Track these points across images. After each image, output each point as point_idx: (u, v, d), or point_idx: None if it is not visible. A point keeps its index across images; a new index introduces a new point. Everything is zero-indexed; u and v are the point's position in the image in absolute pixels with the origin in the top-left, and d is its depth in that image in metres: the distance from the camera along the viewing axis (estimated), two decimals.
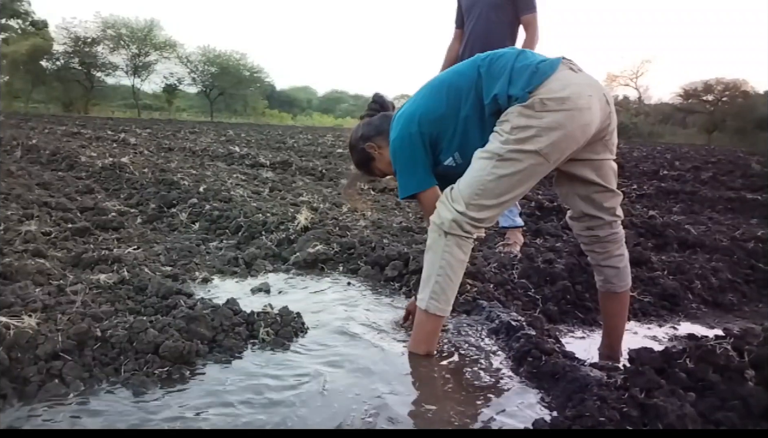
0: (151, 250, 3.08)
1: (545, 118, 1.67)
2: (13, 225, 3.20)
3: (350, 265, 3.00)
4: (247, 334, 1.98)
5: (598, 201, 1.88)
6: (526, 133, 1.68)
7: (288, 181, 6.21)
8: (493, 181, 1.72)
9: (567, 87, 1.69)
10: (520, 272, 2.71)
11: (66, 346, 1.65)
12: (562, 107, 1.67)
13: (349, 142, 2.22)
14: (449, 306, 1.87)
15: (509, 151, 1.70)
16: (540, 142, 1.68)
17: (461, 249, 1.81)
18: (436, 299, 1.83)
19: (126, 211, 4.10)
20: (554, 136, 1.67)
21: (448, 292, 1.83)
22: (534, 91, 1.69)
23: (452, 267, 1.81)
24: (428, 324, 1.89)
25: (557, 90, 1.68)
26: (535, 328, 2.04)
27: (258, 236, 3.47)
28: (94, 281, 2.36)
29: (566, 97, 1.67)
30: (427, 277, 1.85)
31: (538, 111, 1.67)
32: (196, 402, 1.54)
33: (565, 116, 1.67)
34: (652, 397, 1.38)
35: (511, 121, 1.70)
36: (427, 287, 1.84)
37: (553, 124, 1.67)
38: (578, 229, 1.97)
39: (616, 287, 1.98)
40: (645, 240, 3.70)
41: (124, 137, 11.53)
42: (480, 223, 1.78)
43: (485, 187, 1.73)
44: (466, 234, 1.79)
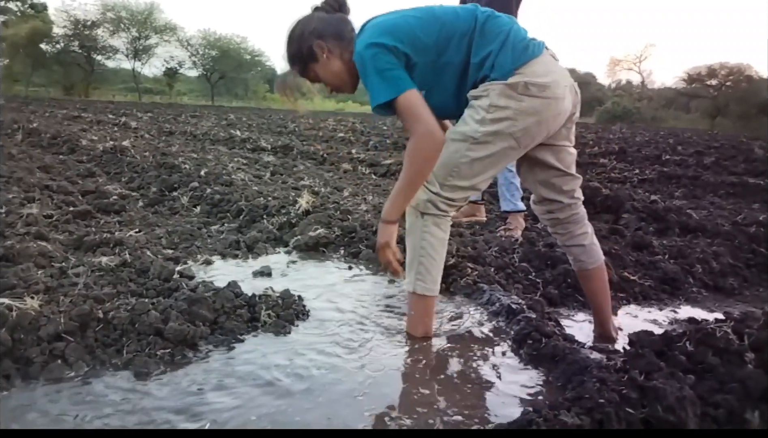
0: (153, 233, 3.09)
1: (524, 102, 1.70)
2: (15, 208, 3.20)
3: (351, 249, 3.00)
4: (249, 317, 1.99)
5: (557, 185, 1.92)
6: (503, 113, 1.70)
7: (289, 166, 6.20)
8: (467, 163, 1.76)
9: (549, 73, 1.73)
10: (521, 256, 2.71)
11: (68, 327, 1.66)
12: (542, 94, 1.71)
13: (292, 31, 1.91)
14: (436, 285, 1.88)
15: (483, 134, 1.73)
16: (514, 126, 1.71)
17: (439, 227, 1.84)
18: (422, 280, 1.85)
19: (127, 195, 4.10)
20: (529, 121, 1.71)
21: (432, 272, 1.86)
22: (520, 67, 1.70)
23: (433, 246, 1.84)
24: (419, 305, 1.91)
25: (541, 74, 1.71)
26: (535, 311, 2.05)
27: (259, 220, 3.47)
28: (95, 264, 2.37)
29: (547, 84, 1.71)
30: (411, 260, 1.88)
31: (519, 93, 1.69)
32: (199, 383, 1.55)
33: (542, 103, 1.71)
34: (652, 379, 1.39)
35: (491, 98, 1.71)
36: (412, 269, 1.87)
37: (530, 110, 1.71)
38: (540, 212, 2.02)
39: (586, 264, 1.99)
40: (646, 224, 3.70)
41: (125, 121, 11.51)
42: (454, 202, 1.83)
43: (459, 170, 1.76)
44: (442, 212, 1.82)
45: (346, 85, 1.94)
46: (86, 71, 41.57)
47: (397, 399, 1.54)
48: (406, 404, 1.51)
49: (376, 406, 1.48)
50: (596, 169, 7.07)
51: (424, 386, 1.61)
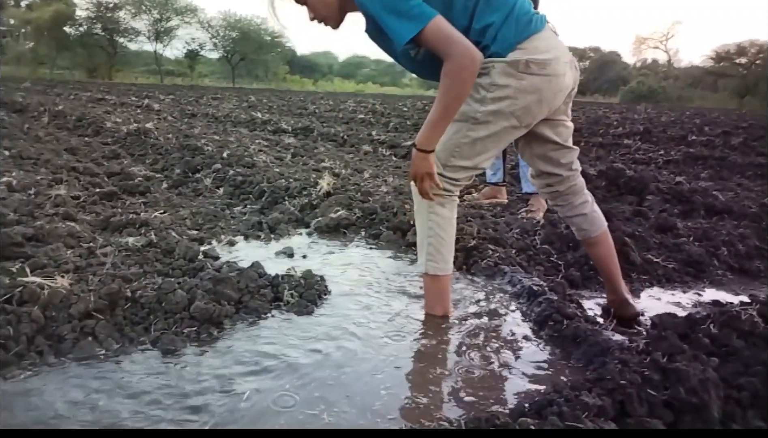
0: (177, 214, 3.13)
1: (525, 80, 1.69)
2: (44, 189, 3.27)
3: (372, 231, 3.02)
4: (272, 297, 2.02)
5: (555, 158, 1.91)
6: (504, 91, 1.70)
7: (310, 147, 6.22)
8: (468, 143, 1.76)
9: (551, 49, 1.72)
10: (542, 238, 2.70)
11: (98, 305, 1.70)
12: (542, 72, 1.69)
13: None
14: (448, 264, 1.90)
15: (484, 114, 1.72)
16: (515, 105, 1.71)
17: (445, 207, 1.85)
18: (433, 260, 1.88)
19: (152, 176, 4.16)
20: (529, 99, 1.71)
21: (442, 251, 1.87)
22: (523, 42, 1.69)
23: (441, 226, 1.85)
24: (434, 285, 1.93)
25: (543, 50, 1.70)
26: (557, 292, 2.04)
27: (281, 201, 3.50)
28: (122, 244, 2.42)
29: (548, 61, 1.70)
30: (421, 242, 1.90)
31: (520, 72, 1.68)
32: (225, 361, 1.59)
33: (542, 81, 1.70)
34: (675, 361, 1.38)
35: (492, 77, 1.70)
36: (423, 250, 1.89)
37: (530, 88, 1.70)
38: (539, 186, 2.02)
39: (590, 232, 1.99)
40: (671, 206, 3.65)
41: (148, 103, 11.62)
42: (458, 182, 1.84)
43: (461, 150, 1.77)
44: (447, 192, 1.83)
45: (331, 19, 1.81)
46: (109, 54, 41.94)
47: (415, 378, 1.56)
48: (424, 384, 1.52)
49: (394, 385, 1.50)
50: (620, 149, 6.97)
51: (444, 366, 1.63)
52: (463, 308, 2.05)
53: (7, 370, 1.45)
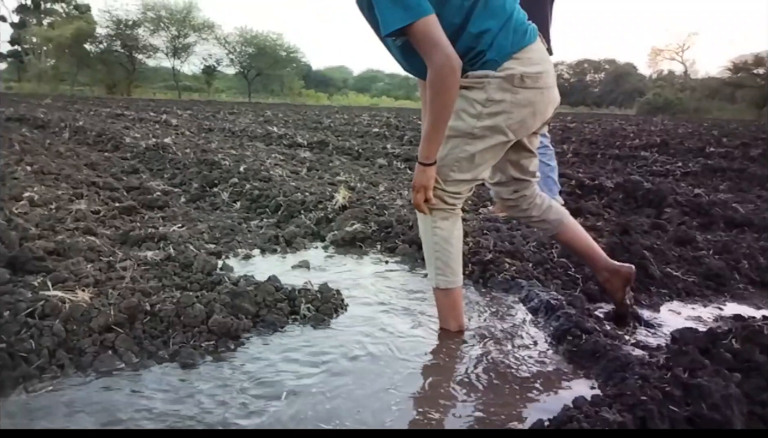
0: (195, 228, 3.16)
1: (519, 94, 1.72)
2: (64, 204, 3.32)
3: (388, 244, 3.02)
4: (289, 310, 2.03)
5: (525, 165, 1.97)
6: (499, 107, 1.72)
7: (325, 161, 6.26)
8: (466, 158, 1.78)
9: (542, 62, 1.76)
10: (559, 251, 2.68)
11: (118, 319, 1.72)
12: (536, 85, 1.73)
13: None
14: (457, 276, 1.90)
15: (481, 129, 1.74)
16: (511, 119, 1.74)
17: (448, 220, 1.86)
18: (442, 274, 1.87)
19: (170, 191, 4.21)
20: (525, 113, 1.75)
21: (451, 264, 1.87)
22: (518, 52, 1.71)
23: (446, 240, 1.85)
24: (446, 299, 1.93)
25: (536, 61, 1.74)
26: (575, 307, 2.03)
27: (297, 215, 3.52)
28: (141, 258, 2.45)
29: (540, 73, 1.74)
30: (428, 257, 1.90)
31: (515, 86, 1.71)
32: (242, 375, 1.60)
33: (536, 94, 1.74)
34: (696, 377, 1.36)
35: (488, 92, 1.72)
36: (431, 266, 1.90)
37: (525, 102, 1.73)
38: (506, 193, 2.04)
39: (556, 224, 2.05)
40: (690, 219, 3.61)
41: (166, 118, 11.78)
42: (459, 195, 1.85)
43: (460, 164, 1.79)
44: (450, 206, 1.84)
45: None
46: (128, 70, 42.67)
47: (429, 394, 1.55)
48: (438, 400, 1.52)
49: (406, 400, 1.50)
50: (637, 162, 6.92)
51: (459, 382, 1.62)
52: (479, 322, 2.04)
53: (29, 383, 1.47)
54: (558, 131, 11.79)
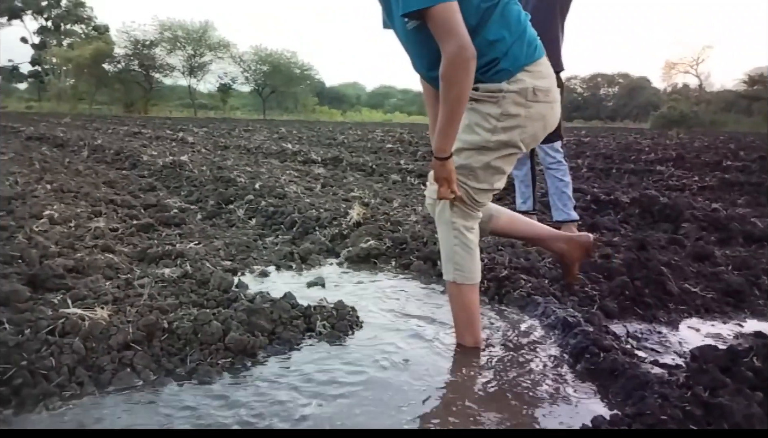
0: (211, 245, 3.19)
1: (532, 108, 1.75)
2: (83, 222, 3.37)
3: (402, 260, 3.02)
4: (305, 327, 2.03)
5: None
6: (514, 121, 1.75)
7: (339, 177, 6.29)
8: (482, 168, 1.80)
9: (549, 76, 1.80)
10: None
11: (136, 336, 1.74)
12: (546, 99, 1.77)
13: None
14: (474, 273, 1.89)
15: (496, 143, 1.77)
16: (524, 133, 1.77)
17: (468, 221, 1.86)
18: (459, 269, 1.86)
19: (186, 208, 4.25)
20: (537, 127, 1.79)
21: (468, 259, 1.86)
22: (530, 65, 1.75)
23: (466, 236, 1.86)
24: (462, 296, 1.90)
25: (545, 75, 1.78)
26: (592, 324, 2.01)
27: (312, 231, 3.54)
28: (159, 275, 2.47)
29: (549, 88, 1.78)
30: (446, 252, 1.89)
31: (528, 100, 1.74)
32: (259, 392, 1.60)
33: (546, 107, 1.78)
34: (717, 396, 1.34)
35: (503, 107, 1.74)
36: (449, 261, 1.88)
37: (537, 116, 1.77)
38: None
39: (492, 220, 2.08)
40: (707, 234, 3.58)
41: (183, 136, 11.93)
42: (479, 205, 1.86)
43: (476, 174, 1.80)
44: (469, 209, 1.85)
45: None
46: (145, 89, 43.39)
47: (444, 413, 1.54)
48: (453, 418, 1.51)
49: (421, 418, 1.49)
50: (653, 176, 6.86)
51: (474, 401, 1.61)
52: (495, 339, 2.03)
53: (49, 400, 1.48)
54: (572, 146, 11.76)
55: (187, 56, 43.92)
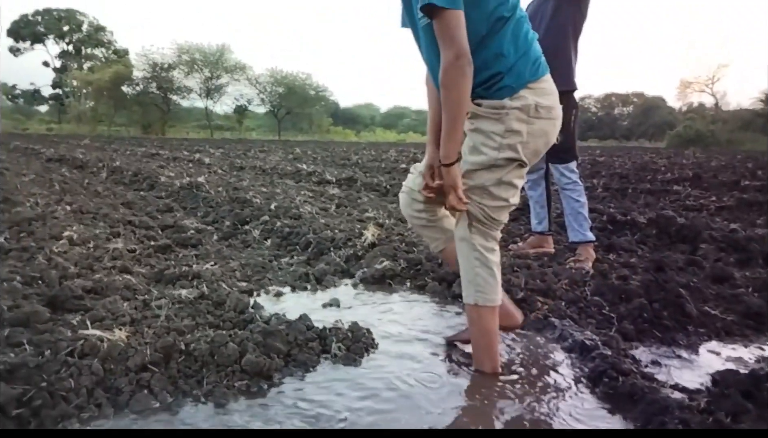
0: (227, 266, 3.21)
1: (535, 124, 1.78)
2: (102, 243, 3.42)
3: (417, 282, 3.02)
4: (320, 349, 2.03)
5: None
6: (518, 138, 1.77)
7: (353, 198, 6.32)
8: (494, 185, 1.80)
9: (553, 93, 1.83)
10: (593, 289, 2.64)
11: (154, 358, 1.75)
12: (549, 116, 1.80)
13: None
14: (497, 295, 1.87)
15: (503, 159, 1.78)
16: (527, 148, 1.79)
17: (488, 241, 1.86)
18: (481, 290, 1.85)
19: (203, 229, 4.29)
20: (539, 143, 1.81)
21: (490, 281, 1.85)
22: (533, 82, 1.77)
23: (487, 257, 1.85)
24: (482, 320, 1.88)
25: (548, 92, 1.81)
26: (610, 347, 1.99)
27: (327, 252, 3.55)
28: (176, 296, 2.49)
29: (552, 105, 1.81)
30: (467, 274, 1.87)
31: (531, 116, 1.76)
32: (276, 415, 1.60)
33: (548, 124, 1.81)
34: (739, 421, 1.32)
35: (506, 124, 1.76)
36: (470, 283, 1.86)
37: (539, 132, 1.79)
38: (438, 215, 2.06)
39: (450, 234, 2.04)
40: (726, 255, 3.53)
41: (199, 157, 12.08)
42: (498, 224, 1.86)
43: (490, 192, 1.80)
44: (488, 228, 1.85)
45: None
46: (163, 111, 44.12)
47: None
48: None
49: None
50: (670, 196, 6.80)
51: (492, 426, 1.59)
52: (512, 364, 2.01)
53: (68, 422, 1.49)
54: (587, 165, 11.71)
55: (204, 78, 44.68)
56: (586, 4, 3.40)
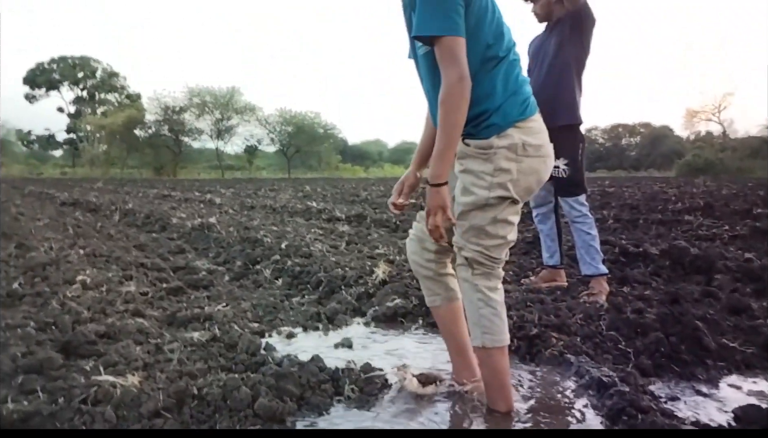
0: (239, 307, 3.21)
1: (524, 162, 1.79)
2: (115, 286, 3.44)
3: (430, 319, 2.99)
4: (333, 392, 2.01)
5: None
6: (508, 176, 1.77)
7: (363, 234, 6.33)
8: (490, 224, 1.80)
9: (542, 132, 1.84)
10: (608, 324, 2.61)
11: (167, 404, 1.74)
12: (538, 153, 1.81)
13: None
14: (504, 334, 1.85)
15: (495, 198, 1.78)
16: (518, 186, 1.79)
17: (491, 281, 1.84)
18: (489, 332, 1.82)
19: (215, 270, 4.31)
20: (530, 180, 1.82)
21: (496, 321, 1.83)
22: (521, 121, 1.78)
23: (491, 297, 1.83)
24: (492, 360, 1.85)
25: (536, 132, 1.82)
26: (628, 384, 1.95)
27: (338, 291, 3.54)
28: (188, 339, 2.49)
29: (541, 144, 1.82)
30: (473, 316, 1.86)
31: (519, 155, 1.78)
32: None
33: (538, 162, 1.82)
34: None
35: (495, 162, 1.77)
36: (477, 325, 1.84)
37: (529, 170, 1.80)
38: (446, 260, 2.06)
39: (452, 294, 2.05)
40: (742, 285, 3.48)
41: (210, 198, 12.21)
42: (498, 262, 1.84)
43: (486, 231, 1.80)
44: (490, 267, 1.83)
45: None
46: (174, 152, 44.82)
47: None
48: None
49: None
50: (682, 226, 6.75)
51: None
52: (528, 403, 1.98)
53: None
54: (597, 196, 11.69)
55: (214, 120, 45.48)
56: (589, 39, 3.45)
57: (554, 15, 3.49)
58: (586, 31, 3.40)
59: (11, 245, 4.75)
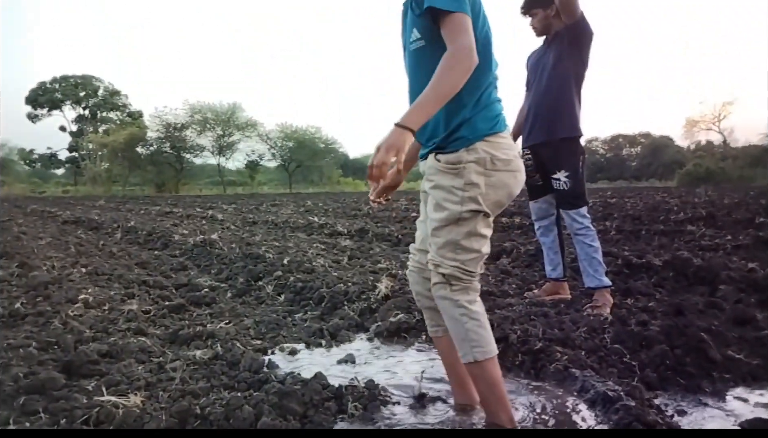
0: (241, 324, 3.20)
1: (493, 176, 1.80)
2: (117, 304, 3.43)
3: None
4: (336, 409, 2.00)
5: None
6: (478, 190, 1.78)
7: (365, 249, 6.32)
8: (464, 238, 1.80)
9: (510, 148, 1.85)
10: (612, 337, 2.59)
11: (169, 424, 1.73)
12: (507, 168, 1.82)
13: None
14: (492, 345, 1.84)
15: (468, 212, 1.78)
16: (488, 199, 1.80)
17: (469, 294, 1.83)
18: (477, 345, 1.81)
19: (217, 286, 4.30)
20: (500, 194, 1.82)
21: (481, 333, 1.82)
22: (490, 136, 1.79)
23: (472, 311, 1.82)
24: (486, 373, 1.84)
25: (505, 147, 1.82)
26: (634, 398, 1.93)
27: (341, 306, 3.53)
28: (190, 357, 2.48)
29: (510, 159, 1.82)
30: (458, 333, 1.84)
31: (488, 169, 1.79)
32: None
33: (507, 176, 1.82)
34: None
35: (465, 177, 1.78)
36: (465, 341, 1.83)
37: (499, 184, 1.80)
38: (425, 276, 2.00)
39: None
40: (747, 296, 3.46)
41: (212, 214, 12.21)
42: (474, 275, 1.84)
43: (461, 245, 1.80)
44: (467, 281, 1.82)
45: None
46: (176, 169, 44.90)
47: None
48: None
49: None
50: (684, 236, 6.73)
51: None
52: (533, 418, 1.96)
53: None
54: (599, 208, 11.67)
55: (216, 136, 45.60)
56: (587, 52, 3.46)
57: (552, 29, 3.50)
58: (585, 44, 3.42)
59: (13, 264, 4.75)
